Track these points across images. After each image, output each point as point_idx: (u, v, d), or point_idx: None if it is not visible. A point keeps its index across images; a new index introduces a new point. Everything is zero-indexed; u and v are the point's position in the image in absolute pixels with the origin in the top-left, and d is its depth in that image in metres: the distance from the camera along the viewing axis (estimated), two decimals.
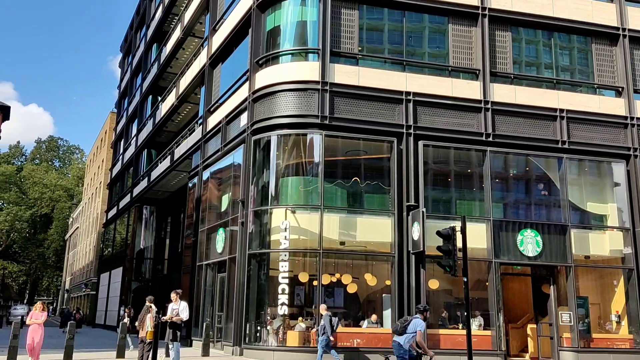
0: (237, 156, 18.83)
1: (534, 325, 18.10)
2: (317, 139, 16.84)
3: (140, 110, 35.94)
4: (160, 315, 13.17)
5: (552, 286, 17.48)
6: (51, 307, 79.06)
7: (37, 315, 14.50)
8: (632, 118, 18.61)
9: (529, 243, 17.20)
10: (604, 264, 18.34)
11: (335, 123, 16.69)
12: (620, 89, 19.03)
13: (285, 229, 16.04)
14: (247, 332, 16.21)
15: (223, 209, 20.03)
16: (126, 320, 19.14)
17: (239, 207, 17.54)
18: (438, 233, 12.41)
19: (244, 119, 18.34)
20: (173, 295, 13.54)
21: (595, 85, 19.20)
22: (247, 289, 16.41)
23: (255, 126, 17.46)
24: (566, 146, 18.00)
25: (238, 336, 16.26)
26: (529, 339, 18.28)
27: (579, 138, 18.21)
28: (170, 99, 28.02)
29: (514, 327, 18.73)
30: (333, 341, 14.32)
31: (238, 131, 18.71)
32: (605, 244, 18.24)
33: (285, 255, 15.97)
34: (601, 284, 18.43)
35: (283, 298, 15.60)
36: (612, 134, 18.53)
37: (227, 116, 19.94)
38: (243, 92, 18.74)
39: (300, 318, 16.18)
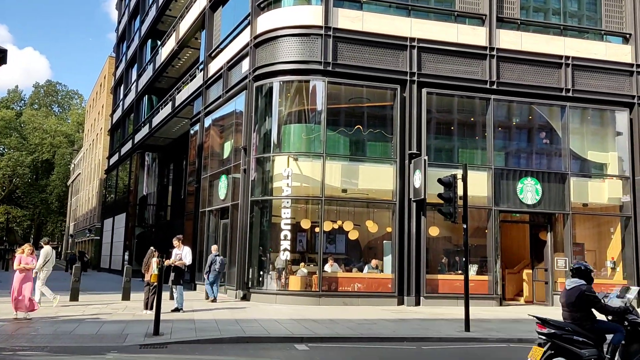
0: (239, 103, 18.72)
1: (530, 271, 18.57)
2: (320, 85, 16.70)
3: (139, 55, 35.35)
4: (164, 260, 13.49)
5: (549, 233, 17.80)
6: (55, 252, 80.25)
7: (26, 260, 12.02)
8: (638, 65, 18.37)
9: (529, 191, 17.37)
10: (601, 212, 18.59)
11: (338, 70, 16.50)
12: (627, 36, 18.69)
13: (288, 176, 16.16)
14: (250, 276, 16.63)
15: (225, 156, 20.09)
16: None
17: (241, 154, 17.59)
18: (439, 181, 12.51)
19: (245, 65, 18.11)
20: (175, 241, 13.81)
21: (603, 32, 18.85)
22: (249, 235, 16.71)
23: (257, 72, 17.27)
24: (570, 94, 17.86)
25: (241, 280, 16.69)
26: (524, 283, 18.81)
27: (583, 86, 18.04)
28: (170, 44, 27.52)
29: (510, 273, 19.21)
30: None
31: (240, 77, 18.52)
32: (603, 192, 18.42)
33: (288, 202, 16.17)
34: (598, 231, 18.74)
35: (285, 244, 15.92)
36: (617, 82, 18.35)
37: (228, 62, 19.68)
38: (244, 37, 18.42)
39: (302, 263, 16.56)
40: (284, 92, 17.25)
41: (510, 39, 17.76)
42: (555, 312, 15.87)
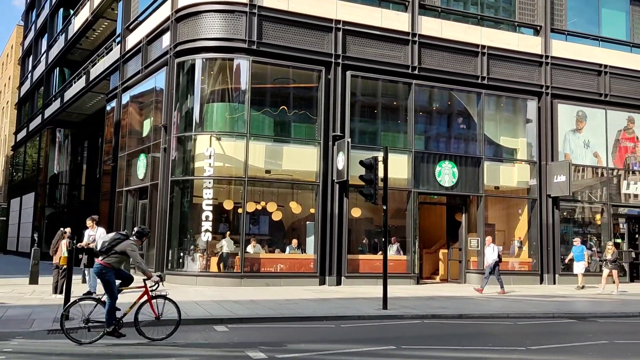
0: (159, 79, 18.02)
1: (446, 250, 19.45)
2: (244, 64, 16.39)
3: (50, 24, 33.07)
4: (75, 242, 12.85)
5: (464, 214, 18.68)
6: None
7: None
8: (547, 57, 19.48)
9: (446, 174, 18.09)
10: (511, 195, 19.73)
11: (263, 49, 16.26)
12: (538, 28, 19.75)
13: (210, 156, 15.82)
14: (170, 258, 16.23)
15: (144, 134, 19.34)
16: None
17: (162, 132, 17.01)
18: (361, 163, 12.73)
19: (166, 40, 17.43)
20: (89, 222, 13.15)
21: (516, 23, 19.80)
22: (169, 216, 16.26)
23: (178, 48, 16.67)
24: (485, 82, 18.67)
25: (160, 262, 16.25)
26: (440, 263, 19.69)
27: (497, 74, 18.90)
28: (84, 14, 25.94)
29: (427, 252, 20.04)
30: None
31: (160, 52, 17.81)
32: (513, 176, 19.54)
33: (210, 182, 15.86)
34: (507, 212, 19.89)
35: (207, 225, 15.64)
36: (527, 72, 19.38)
37: (147, 35, 18.85)
38: (165, 10, 17.68)
39: (224, 245, 16.34)
40: (207, 69, 16.79)
41: (431, 26, 18.24)
42: (466, 289, 16.81)
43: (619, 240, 20.94)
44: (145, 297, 8.18)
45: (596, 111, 20.15)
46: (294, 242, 16.79)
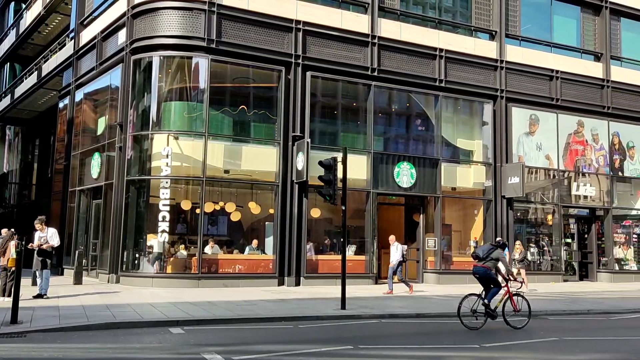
0: (114, 76, 17.58)
1: None
2: (203, 63, 16.17)
3: (0, 18, 31.81)
4: (24, 243, 12.40)
5: (421, 215, 18.96)
6: None
7: None
8: (501, 61, 20.00)
9: (405, 175, 18.31)
10: (467, 195, 20.14)
11: (222, 47, 16.08)
12: (493, 33, 20.25)
13: (167, 155, 15.54)
14: (125, 259, 15.85)
15: (99, 132, 18.83)
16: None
17: (117, 131, 16.60)
18: (320, 163, 12.75)
19: (122, 36, 17.02)
20: (37, 224, 12.64)
21: (472, 28, 20.25)
22: (125, 216, 15.87)
23: (135, 45, 16.30)
24: (443, 85, 19.00)
25: (114, 264, 15.85)
26: None
27: (454, 77, 19.27)
28: (37, 8, 25.05)
29: (386, 253, 20.16)
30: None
31: (116, 49, 17.38)
32: (470, 177, 19.96)
33: (167, 182, 15.57)
34: (464, 213, 20.30)
35: (164, 225, 15.34)
36: (483, 75, 19.84)
37: (103, 31, 18.36)
38: (121, 6, 17.26)
39: (182, 245, 16.09)
40: (165, 67, 16.48)
41: (390, 29, 18.44)
42: (426, 288, 17.05)
43: (569, 240, 21.71)
44: (507, 295, 10.34)
45: (548, 115, 20.80)
46: (254, 242, 16.67)
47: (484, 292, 10.28)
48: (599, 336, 9.97)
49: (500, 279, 10.52)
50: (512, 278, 10.45)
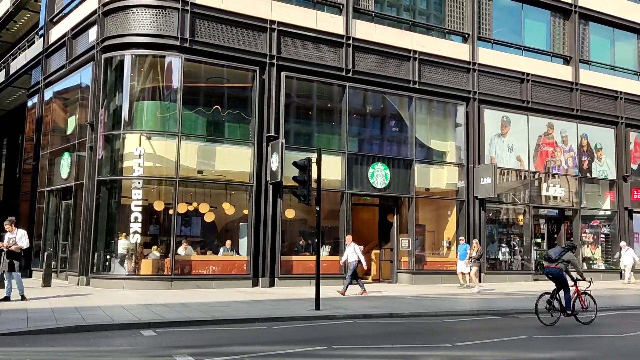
0: (85, 75, 17.26)
1: (378, 251, 19.80)
2: (176, 62, 15.99)
3: None
4: None
5: (395, 215, 19.08)
6: None
7: None
8: (474, 63, 20.27)
9: (379, 176, 18.41)
10: (441, 196, 20.35)
11: (196, 47, 15.93)
12: (466, 35, 20.52)
13: (140, 155, 15.32)
14: (95, 261, 15.57)
15: (69, 132, 18.46)
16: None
17: (87, 130, 16.30)
18: (294, 164, 12.73)
19: (93, 34, 16.72)
20: (7, 225, 12.39)
21: (446, 30, 20.48)
22: (95, 217, 15.59)
23: (106, 43, 16.04)
24: (417, 86, 19.17)
25: (85, 266, 15.55)
26: (372, 263, 20.00)
27: (428, 79, 19.46)
28: (5, 4, 24.46)
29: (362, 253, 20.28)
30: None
31: (86, 47, 17.07)
32: (443, 178, 20.18)
33: (139, 182, 15.35)
34: (437, 214, 20.51)
35: (136, 226, 15.12)
36: (456, 77, 20.08)
37: (73, 29, 18.01)
38: (92, 4, 16.95)
39: (154, 247, 15.89)
40: (137, 66, 16.25)
41: (365, 30, 18.53)
42: (399, 289, 17.17)
43: (539, 240, 22.13)
44: (576, 294, 11.33)
45: (519, 117, 21.17)
46: (228, 243, 16.55)
47: (556, 291, 11.18)
48: (568, 334, 10.17)
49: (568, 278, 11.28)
50: (581, 278, 11.35)
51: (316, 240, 12.66)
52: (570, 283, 11.14)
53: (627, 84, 23.76)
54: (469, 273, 17.01)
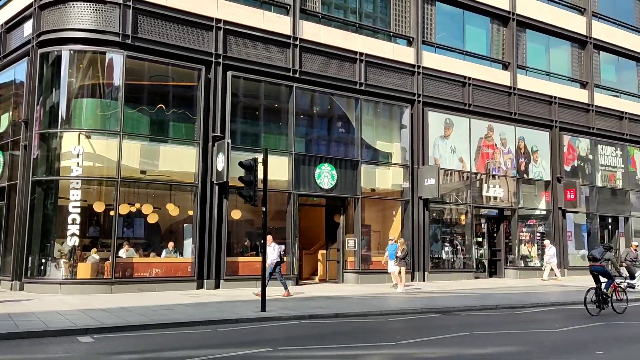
0: (19, 70, 16.51)
1: (325, 251, 19.90)
2: (117, 59, 15.50)
3: None
4: None
5: (342, 216, 19.24)
6: None
7: None
8: (418, 67, 20.71)
9: (326, 176, 18.51)
10: (386, 196, 20.68)
11: (138, 44, 15.51)
12: (411, 39, 20.94)
13: (78, 154, 14.76)
14: (30, 265, 14.87)
15: (2, 129, 17.59)
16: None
17: (22, 128, 15.56)
18: (240, 164, 12.60)
19: (28, 28, 15.98)
20: None
21: (391, 33, 20.84)
22: (30, 219, 14.89)
23: (42, 38, 15.37)
24: (363, 88, 19.40)
25: (18, 270, 14.84)
26: (319, 263, 20.11)
27: (374, 81, 19.73)
28: None
29: (307, 253, 20.37)
30: None
31: (21, 42, 16.32)
32: (388, 178, 20.51)
33: (78, 183, 14.78)
34: (383, 214, 20.83)
35: (74, 228, 14.55)
36: (401, 80, 20.46)
37: (7, 23, 17.18)
38: None
39: (94, 249, 15.33)
40: (76, 62, 15.65)
41: (312, 31, 18.59)
42: (345, 288, 17.31)
43: (480, 239, 22.86)
44: (613, 287, 13.01)
45: (462, 119, 21.80)
46: (170, 245, 16.20)
47: (598, 286, 12.73)
48: (506, 330, 10.55)
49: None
50: (618, 274, 13.95)
51: (262, 241, 12.57)
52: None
53: (561, 90, 24.92)
54: (397, 272, 16.88)
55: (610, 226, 26.77)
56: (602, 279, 12.89)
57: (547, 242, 22.44)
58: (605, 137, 26.23)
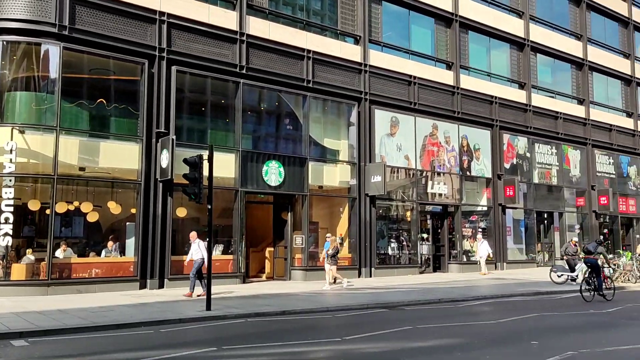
0: None
1: (272, 249, 19.81)
2: (54, 51, 14.84)
3: None
4: None
5: (289, 213, 19.19)
6: None
7: None
8: (365, 65, 20.92)
9: (273, 173, 18.40)
10: (334, 194, 20.79)
11: (76, 35, 14.89)
12: (358, 37, 21.12)
13: (11, 150, 14.04)
14: None
15: None
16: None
17: None
18: (185, 161, 12.34)
19: None
20: None
21: (339, 32, 20.94)
22: None
23: None
24: (310, 85, 19.40)
25: None
26: (266, 261, 19.99)
27: (321, 79, 19.77)
28: None
29: (254, 251, 20.21)
30: None
31: None
32: (336, 176, 20.62)
33: (11, 180, 14.07)
34: (330, 211, 20.92)
35: (6, 228, 13.83)
36: (349, 78, 20.60)
37: None
38: None
39: (29, 250, 14.64)
40: (8, 53, 14.86)
41: (259, 27, 18.41)
42: (292, 285, 17.28)
43: (425, 235, 23.37)
44: (603, 277, 14.79)
45: (407, 117, 22.19)
46: (109, 244, 15.68)
47: (590, 276, 14.49)
48: (448, 323, 10.82)
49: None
50: (607, 265, 15.82)
51: (207, 239, 12.36)
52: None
53: (501, 90, 25.80)
54: (331, 269, 16.86)
55: (546, 221, 27.97)
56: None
57: (479, 236, 23.18)
58: (542, 136, 27.37)
